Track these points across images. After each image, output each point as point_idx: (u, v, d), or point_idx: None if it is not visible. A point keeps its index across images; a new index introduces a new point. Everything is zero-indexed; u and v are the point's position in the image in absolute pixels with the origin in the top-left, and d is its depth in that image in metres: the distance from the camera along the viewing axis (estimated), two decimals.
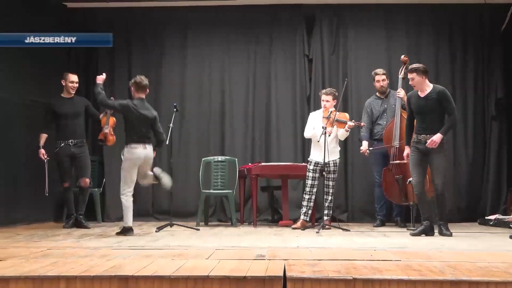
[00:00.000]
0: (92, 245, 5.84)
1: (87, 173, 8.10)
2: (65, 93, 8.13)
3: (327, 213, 7.99)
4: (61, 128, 8.00)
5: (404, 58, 8.22)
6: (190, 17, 9.60)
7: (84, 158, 8.07)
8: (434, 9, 9.43)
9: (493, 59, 9.35)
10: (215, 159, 8.97)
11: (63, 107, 8.01)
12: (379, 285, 3.83)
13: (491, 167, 9.19)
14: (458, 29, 9.46)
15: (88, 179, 8.08)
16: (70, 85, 8.09)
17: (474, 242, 6.29)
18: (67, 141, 7.95)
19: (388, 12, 9.50)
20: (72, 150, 7.96)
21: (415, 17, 9.48)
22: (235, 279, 3.86)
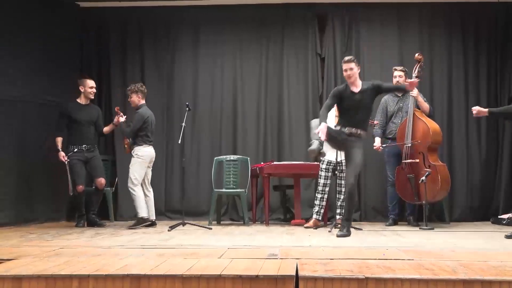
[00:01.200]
0: (104, 244, 5.85)
1: (102, 173, 8.19)
2: (83, 99, 8.15)
3: (340, 212, 7.97)
4: (75, 133, 8.05)
5: (418, 57, 8.16)
6: (202, 16, 9.61)
7: (96, 159, 8.16)
8: (447, 7, 9.39)
9: (506, 57, 9.30)
10: (227, 158, 8.98)
11: (80, 114, 8.06)
12: (391, 284, 3.82)
13: (504, 166, 9.15)
14: (471, 27, 9.41)
15: (104, 179, 8.14)
16: (89, 91, 8.14)
17: (487, 241, 6.26)
18: (80, 146, 8.01)
19: (401, 10, 9.47)
20: (85, 154, 8.04)
21: (428, 15, 9.44)
22: (248, 278, 3.86)
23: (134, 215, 8.10)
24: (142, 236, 6.77)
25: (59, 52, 8.83)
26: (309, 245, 5.74)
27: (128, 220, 9.03)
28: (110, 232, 7.29)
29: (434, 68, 9.32)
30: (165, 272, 3.97)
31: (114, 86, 9.54)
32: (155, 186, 9.04)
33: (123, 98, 9.45)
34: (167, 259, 4.54)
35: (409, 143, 7.99)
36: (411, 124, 8.00)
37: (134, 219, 8.13)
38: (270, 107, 9.52)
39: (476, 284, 3.78)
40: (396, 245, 5.69)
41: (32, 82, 8.39)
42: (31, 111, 8.37)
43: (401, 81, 8.29)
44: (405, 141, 8.02)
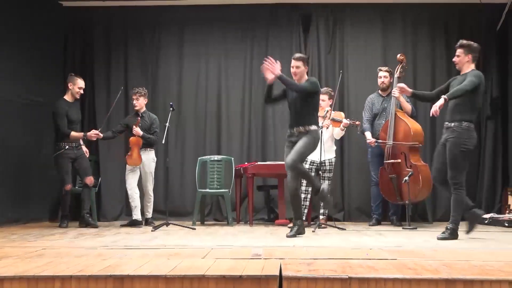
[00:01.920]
0: (87, 244, 5.82)
1: (89, 172, 8.13)
2: (70, 96, 8.06)
3: (323, 212, 8.01)
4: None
5: (400, 57, 8.24)
6: (187, 16, 9.60)
7: (84, 158, 8.10)
8: (430, 8, 9.45)
9: (488, 58, 9.37)
10: (211, 158, 8.97)
11: (71, 112, 8.01)
12: (374, 284, 3.83)
13: (486, 166, 9.23)
14: (454, 29, 9.48)
15: (92, 177, 8.09)
16: (77, 91, 8.05)
17: (469, 241, 6.30)
18: (70, 144, 7.94)
19: (385, 11, 9.51)
20: (74, 152, 7.98)
21: (411, 17, 9.50)
22: (231, 279, 3.86)
23: (117, 215, 8.06)
24: (125, 236, 6.74)
25: (42, 52, 8.77)
26: (292, 245, 5.75)
27: (111, 221, 9.02)
28: (93, 232, 7.25)
29: (418, 69, 9.37)
30: (148, 272, 3.96)
31: (98, 85, 9.50)
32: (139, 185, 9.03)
33: (106, 98, 9.44)
34: (151, 260, 4.52)
35: (391, 143, 8.03)
36: (393, 125, 8.05)
37: (117, 219, 8.12)
38: (255, 107, 9.52)
39: (458, 283, 3.80)
40: (379, 245, 5.72)
41: (15, 81, 8.31)
42: (13, 110, 8.29)
43: (386, 81, 8.34)
44: (387, 142, 8.06)
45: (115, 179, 9.36)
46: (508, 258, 4.68)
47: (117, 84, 9.46)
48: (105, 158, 9.32)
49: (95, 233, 7.12)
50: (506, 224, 7.95)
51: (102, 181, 9.21)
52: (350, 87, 9.39)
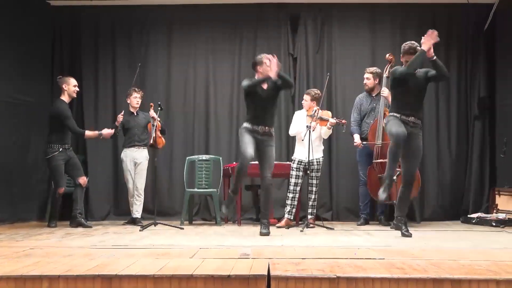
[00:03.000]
0: (75, 244, 5.80)
1: (82, 171, 8.06)
2: (66, 97, 7.97)
3: (311, 211, 8.02)
4: (61, 132, 7.87)
5: (389, 57, 8.27)
6: (175, 16, 9.59)
7: (76, 159, 8.05)
8: (418, 8, 9.49)
9: (476, 58, 9.43)
10: (199, 158, 8.96)
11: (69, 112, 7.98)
12: (362, 283, 3.84)
13: (474, 166, 9.28)
14: (442, 28, 9.46)
15: (85, 177, 8.04)
16: (73, 89, 7.98)
17: (457, 240, 6.34)
18: (64, 146, 7.89)
19: (373, 11, 9.54)
20: (67, 153, 7.92)
21: (400, 16, 9.53)
22: (219, 278, 3.85)
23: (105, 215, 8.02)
24: (113, 236, 6.72)
25: (30, 51, 8.72)
26: (281, 245, 5.75)
27: (99, 220, 8.98)
28: (81, 232, 7.22)
29: None
30: (136, 272, 3.94)
31: (86, 85, 9.44)
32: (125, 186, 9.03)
33: (94, 97, 9.42)
34: (139, 259, 4.51)
35: (380, 143, 8.05)
36: (382, 125, 8.07)
37: (105, 219, 8.09)
38: (243, 106, 9.43)
39: (446, 282, 3.82)
40: (367, 245, 5.73)
41: (2, 81, 8.26)
42: (0, 110, 8.24)
43: (369, 83, 8.38)
44: (376, 141, 8.08)
45: (103, 178, 9.34)
46: (495, 258, 4.71)
47: (105, 83, 9.45)
48: (93, 158, 9.27)
49: (82, 233, 7.09)
50: (494, 224, 7.98)
51: (90, 180, 9.15)
52: (337, 87, 9.41)
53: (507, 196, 8.61)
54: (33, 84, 8.67)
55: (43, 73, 8.76)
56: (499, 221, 8.07)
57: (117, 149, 9.36)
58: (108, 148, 9.37)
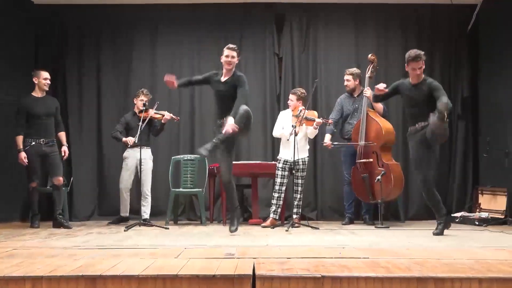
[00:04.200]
0: (59, 244, 5.77)
1: (59, 172, 7.94)
2: (38, 91, 7.90)
3: (297, 211, 8.02)
4: (32, 127, 7.79)
5: (371, 57, 8.33)
6: (160, 15, 9.56)
7: (55, 157, 7.91)
8: (403, 9, 9.55)
9: (460, 58, 9.51)
10: (184, 157, 8.94)
11: (36, 107, 7.82)
12: (347, 282, 3.85)
13: (457, 165, 9.36)
14: (426, 29, 9.59)
15: (61, 177, 7.96)
16: (43, 82, 7.88)
17: (440, 239, 6.38)
18: (38, 140, 7.80)
19: (358, 12, 9.57)
20: (43, 149, 7.81)
21: (384, 17, 9.58)
22: (204, 278, 3.85)
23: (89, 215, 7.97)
24: (98, 236, 6.69)
25: (13, 50, 8.66)
26: (266, 244, 5.76)
27: (83, 220, 8.95)
28: (65, 232, 7.19)
29: (389, 68, 9.43)
30: (121, 272, 3.93)
31: (70, 84, 9.41)
32: (113, 185, 8.99)
33: (78, 96, 9.38)
34: (123, 260, 4.50)
35: (362, 143, 8.08)
36: (365, 125, 8.10)
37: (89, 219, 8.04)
38: None
39: (429, 281, 3.85)
40: (352, 244, 5.76)
41: None
42: None
43: (349, 84, 8.41)
44: (359, 142, 8.12)
45: (87, 178, 9.30)
46: (478, 256, 4.75)
47: (89, 83, 9.41)
48: (77, 158, 9.22)
49: (66, 233, 7.05)
50: (477, 223, 8.05)
51: (74, 180, 9.13)
52: (322, 87, 9.44)
53: (490, 195, 8.68)
54: (15, 83, 8.60)
55: (27, 72, 8.65)
56: (482, 220, 8.14)
57: (102, 148, 9.34)
58: (92, 148, 9.33)
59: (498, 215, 8.35)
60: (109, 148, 9.25)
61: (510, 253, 5.02)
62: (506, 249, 5.37)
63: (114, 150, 9.10)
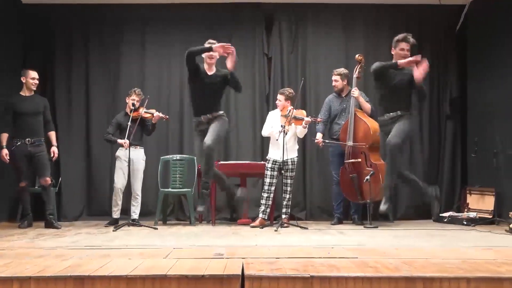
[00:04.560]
0: (47, 245, 5.75)
1: (46, 172, 7.90)
2: (26, 91, 7.88)
3: (286, 211, 8.03)
4: (19, 126, 7.77)
5: (358, 57, 8.35)
6: (149, 15, 9.52)
7: (42, 157, 7.87)
8: (391, 9, 9.57)
9: (448, 59, 9.55)
10: (173, 157, 8.93)
11: (23, 106, 7.79)
12: (336, 282, 3.86)
13: (446, 165, 9.39)
14: (414, 30, 9.55)
15: (48, 178, 7.92)
16: (31, 82, 7.86)
17: (429, 239, 6.40)
18: (24, 140, 7.76)
19: (347, 12, 9.59)
20: (29, 149, 7.76)
21: (373, 17, 9.59)
22: (193, 278, 3.85)
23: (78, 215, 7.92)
24: (86, 236, 6.67)
25: (1, 49, 8.60)
26: (255, 244, 5.76)
27: (72, 220, 8.91)
28: (53, 233, 7.16)
29: None
30: (109, 273, 3.92)
31: (58, 84, 9.36)
32: (102, 185, 8.97)
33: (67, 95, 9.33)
34: (112, 260, 4.49)
35: (351, 143, 8.09)
36: (353, 125, 8.11)
37: (78, 219, 7.99)
38: None
39: (418, 281, 3.86)
40: (341, 244, 5.77)
41: None
42: None
43: (337, 85, 8.43)
44: (347, 142, 8.13)
45: (76, 178, 9.26)
46: (466, 256, 4.77)
47: (78, 83, 9.37)
48: (65, 157, 9.19)
49: (55, 234, 7.02)
50: (465, 223, 8.09)
51: (63, 180, 9.10)
52: (311, 86, 9.44)
53: (478, 195, 8.73)
54: (4, 82, 8.54)
55: (15, 71, 8.62)
56: (470, 219, 8.18)
57: (90, 148, 9.30)
58: (81, 147, 9.29)
59: (486, 215, 8.39)
60: (98, 148, 9.21)
61: (497, 253, 5.05)
62: (494, 248, 5.40)
63: (103, 150, 9.07)
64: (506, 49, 8.40)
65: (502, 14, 8.46)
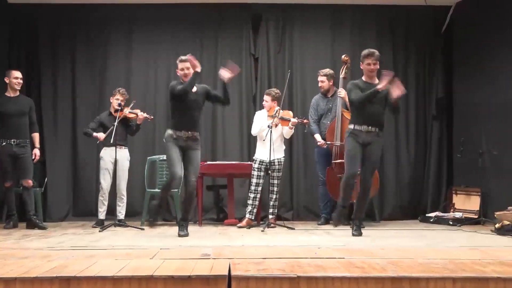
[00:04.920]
0: (33, 246, 5.72)
1: (29, 174, 7.84)
2: (10, 91, 7.84)
3: (272, 211, 8.04)
4: (4, 127, 7.72)
5: (344, 58, 8.38)
6: (136, 15, 9.48)
7: (26, 158, 7.81)
8: (378, 10, 9.60)
9: (434, 59, 9.60)
10: (160, 158, 8.89)
11: (8, 106, 7.74)
12: (323, 282, 3.86)
13: (432, 165, 9.43)
14: (401, 30, 9.66)
15: (30, 180, 7.86)
16: (14, 81, 7.81)
17: (415, 239, 6.43)
18: (9, 140, 7.71)
19: (334, 12, 9.60)
20: (14, 149, 7.71)
21: (360, 18, 9.62)
22: (180, 279, 3.84)
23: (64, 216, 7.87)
24: (72, 237, 6.64)
25: None
26: (242, 245, 5.76)
27: (57, 221, 8.86)
28: (39, 233, 7.12)
29: None
30: (95, 273, 3.90)
31: (44, 84, 9.30)
32: (88, 185, 8.93)
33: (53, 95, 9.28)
34: (98, 260, 4.46)
35: (338, 143, 8.10)
36: (340, 125, 8.13)
37: (64, 220, 7.94)
38: (204, 107, 9.43)
39: (404, 281, 3.87)
40: (327, 244, 5.79)
41: None
42: None
43: (324, 85, 8.44)
44: (334, 142, 8.14)
45: (62, 179, 9.21)
46: (452, 256, 4.79)
47: (64, 83, 9.32)
48: (51, 158, 9.14)
49: (40, 234, 6.99)
50: (451, 223, 8.13)
51: (48, 181, 9.04)
52: (298, 87, 9.46)
53: (464, 195, 8.78)
54: None
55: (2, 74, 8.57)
56: (456, 220, 8.23)
57: (76, 148, 9.25)
58: (67, 148, 9.25)
59: (472, 215, 8.44)
60: (84, 148, 9.17)
61: (483, 253, 5.07)
62: (480, 249, 5.43)
63: (89, 150, 9.03)
64: (492, 49, 8.47)
65: (488, 15, 8.52)
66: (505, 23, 8.17)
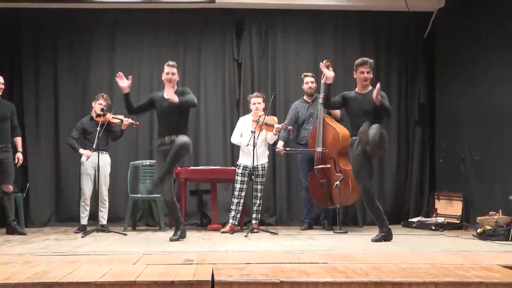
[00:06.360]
0: (14, 251, 5.68)
1: (9, 179, 7.78)
2: None
3: (256, 216, 8.03)
4: None
5: (325, 63, 8.38)
6: (118, 19, 9.45)
7: (8, 164, 7.75)
8: (361, 16, 9.64)
9: (416, 65, 9.65)
10: (143, 163, 8.87)
11: None
12: (306, 287, 3.87)
13: (414, 170, 9.48)
14: (383, 36, 9.71)
15: (11, 185, 7.80)
16: None
17: (397, 244, 6.46)
18: None
19: (317, 18, 9.63)
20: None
21: (343, 23, 9.65)
22: (163, 284, 3.83)
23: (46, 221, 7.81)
24: (54, 243, 6.60)
25: None
26: (225, 250, 5.76)
27: (39, 226, 8.79)
28: (20, 239, 7.06)
29: (347, 75, 9.47)
30: (78, 279, 3.88)
31: (27, 89, 9.24)
32: (71, 191, 8.88)
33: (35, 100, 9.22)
34: (81, 266, 4.44)
35: (319, 149, 8.11)
36: (321, 131, 8.14)
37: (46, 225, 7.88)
38: None
39: (387, 286, 3.89)
40: (310, 249, 5.79)
41: None
42: None
43: (314, 87, 8.45)
44: (316, 148, 8.15)
45: (44, 184, 9.14)
46: (434, 261, 4.82)
47: (46, 89, 9.25)
48: (33, 163, 9.07)
49: (22, 240, 6.94)
50: (433, 228, 8.18)
51: (30, 186, 8.98)
52: (281, 92, 9.47)
53: (446, 201, 8.83)
54: None
55: None
56: (438, 224, 8.27)
57: (59, 153, 9.19)
58: (49, 152, 9.19)
59: (454, 220, 8.49)
60: (67, 154, 9.09)
61: (465, 258, 5.11)
62: (462, 253, 5.47)
63: (71, 156, 8.96)
64: (473, 55, 8.53)
65: (469, 20, 8.58)
66: (487, 28, 8.23)
